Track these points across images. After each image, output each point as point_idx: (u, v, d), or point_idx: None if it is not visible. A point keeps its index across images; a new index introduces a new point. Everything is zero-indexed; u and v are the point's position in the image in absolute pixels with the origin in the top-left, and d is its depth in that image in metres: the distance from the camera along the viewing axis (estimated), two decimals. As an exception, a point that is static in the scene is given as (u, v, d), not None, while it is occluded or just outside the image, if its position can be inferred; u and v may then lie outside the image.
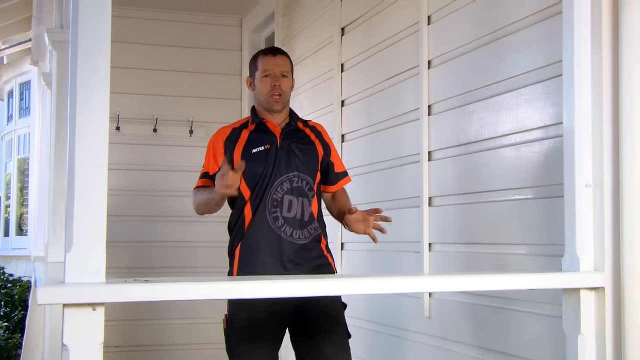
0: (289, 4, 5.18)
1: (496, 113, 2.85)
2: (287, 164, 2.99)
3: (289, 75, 3.07)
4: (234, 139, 3.03)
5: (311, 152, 3.06)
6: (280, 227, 2.96)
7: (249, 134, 3.04)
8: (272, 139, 3.02)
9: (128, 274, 4.73)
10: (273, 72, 3.02)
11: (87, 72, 1.77)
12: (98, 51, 1.78)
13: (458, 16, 3.13)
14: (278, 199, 2.96)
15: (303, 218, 2.98)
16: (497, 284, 2.28)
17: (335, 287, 2.09)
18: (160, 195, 5.85)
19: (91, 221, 1.72)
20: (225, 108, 6.03)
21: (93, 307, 1.69)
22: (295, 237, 2.96)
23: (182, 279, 1.89)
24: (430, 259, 3.27)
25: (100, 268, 1.72)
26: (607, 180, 2.15)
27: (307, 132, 3.12)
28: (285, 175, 2.98)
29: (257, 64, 3.08)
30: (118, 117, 5.71)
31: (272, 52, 3.12)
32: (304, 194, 3.00)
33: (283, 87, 3.03)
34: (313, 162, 3.05)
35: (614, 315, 2.13)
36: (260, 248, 2.95)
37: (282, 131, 3.04)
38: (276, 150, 3.00)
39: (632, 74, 2.12)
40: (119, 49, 5.50)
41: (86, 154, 1.74)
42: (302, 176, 3.00)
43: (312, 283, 2.06)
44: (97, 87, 1.77)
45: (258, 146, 3.00)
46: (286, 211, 2.96)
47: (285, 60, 3.09)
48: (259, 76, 3.05)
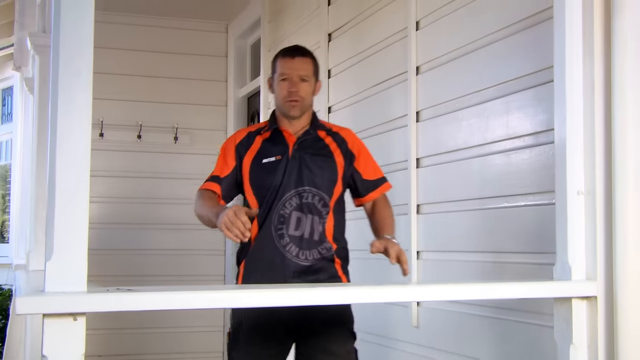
0: (275, 10, 5.15)
1: (486, 119, 2.82)
2: (298, 178, 2.74)
3: (309, 79, 2.79)
4: (246, 145, 2.83)
5: (328, 164, 2.79)
6: (284, 246, 2.73)
7: (262, 142, 2.82)
8: (284, 150, 2.78)
9: (113, 283, 4.65)
10: (290, 76, 2.76)
11: (68, 76, 1.74)
12: (80, 54, 1.75)
13: (447, 22, 3.10)
14: (285, 215, 2.73)
15: (312, 237, 2.73)
16: (487, 293, 2.25)
17: (321, 297, 2.03)
18: (144, 202, 5.81)
19: (72, 228, 1.69)
20: (210, 115, 6.02)
21: (74, 317, 1.66)
22: (300, 258, 2.72)
23: (165, 288, 1.86)
24: (418, 268, 3.24)
25: (81, 277, 1.68)
26: (600, 187, 2.13)
27: (327, 142, 2.84)
28: (295, 190, 2.74)
29: (275, 66, 2.84)
30: (102, 124, 5.67)
31: (291, 53, 2.83)
32: (315, 211, 2.74)
33: (301, 92, 2.76)
34: (329, 175, 2.78)
35: (607, 325, 2.11)
36: (264, 267, 2.74)
37: (296, 141, 2.79)
38: (287, 162, 2.76)
39: (624, 79, 2.10)
40: (102, 55, 5.54)
41: (68, 159, 1.71)
42: (315, 192, 2.75)
43: (297, 293, 2.02)
44: (79, 91, 1.74)
45: (269, 156, 2.78)
46: (293, 229, 2.73)
47: (306, 63, 2.81)
48: (277, 79, 2.80)
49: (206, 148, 5.93)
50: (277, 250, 2.72)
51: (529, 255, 2.58)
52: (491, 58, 2.81)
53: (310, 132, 2.82)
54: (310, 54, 2.84)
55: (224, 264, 5.96)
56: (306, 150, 2.79)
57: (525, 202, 2.60)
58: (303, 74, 2.77)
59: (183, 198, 5.82)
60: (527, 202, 2.60)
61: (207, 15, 5.93)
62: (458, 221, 2.98)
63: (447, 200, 3.05)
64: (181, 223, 5.80)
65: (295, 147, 2.78)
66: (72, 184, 1.70)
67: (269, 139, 2.82)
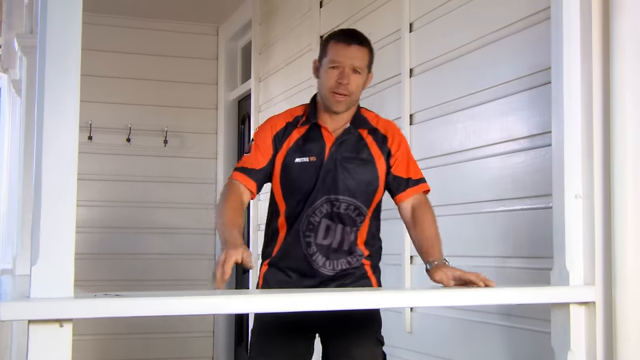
0: (266, 12, 5.12)
1: (481, 122, 2.79)
2: (332, 185, 2.47)
3: (363, 71, 2.46)
4: (282, 137, 2.52)
5: (368, 170, 2.50)
6: (312, 255, 2.50)
7: (298, 138, 2.52)
8: (320, 150, 2.49)
9: (101, 288, 4.61)
10: (342, 64, 2.42)
11: (55, 75, 1.71)
12: (68, 53, 1.72)
13: (441, 23, 3.07)
14: (315, 222, 2.48)
15: (342, 247, 2.50)
16: (483, 298, 2.22)
17: (311, 303, 1.99)
18: (134, 206, 5.78)
19: (59, 232, 1.66)
20: (200, 118, 6.00)
21: (60, 323, 1.63)
22: (327, 268, 2.51)
23: (154, 294, 1.84)
24: (411, 272, 3.20)
25: (68, 282, 1.66)
26: (598, 190, 2.11)
27: (368, 143, 2.53)
28: (326, 197, 2.47)
29: (326, 49, 2.48)
30: (90, 126, 5.62)
31: (347, 39, 2.46)
32: (348, 221, 2.49)
33: (352, 85, 2.43)
34: (368, 183, 2.50)
35: (605, 331, 2.08)
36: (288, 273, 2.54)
37: (335, 141, 2.50)
38: (321, 166, 2.47)
39: (623, 81, 2.08)
40: (91, 57, 5.53)
41: (54, 161, 1.68)
42: (350, 201, 2.48)
43: (282, 298, 1.98)
44: (66, 91, 1.72)
45: (303, 156, 2.49)
46: (321, 238, 2.49)
47: (363, 52, 2.46)
48: (326, 65, 2.45)
49: (196, 151, 5.94)
50: (305, 259, 2.50)
51: (526, 260, 2.55)
52: (486, 60, 2.78)
53: (351, 131, 2.51)
54: (368, 43, 2.51)
55: (214, 269, 5.86)
56: (344, 153, 2.49)
57: (522, 206, 2.57)
58: (357, 64, 2.44)
59: (173, 202, 5.82)
60: (523, 205, 2.56)
61: (198, 17, 5.90)
62: (453, 225, 2.94)
63: (442, 204, 3.00)
64: (171, 227, 5.81)
65: (333, 148, 2.49)
66: (58, 186, 1.67)
67: (305, 134, 2.52)
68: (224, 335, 5.86)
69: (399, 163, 2.51)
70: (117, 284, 5.43)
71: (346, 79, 2.42)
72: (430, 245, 2.38)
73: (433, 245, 2.38)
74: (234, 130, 6.02)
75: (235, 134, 6.02)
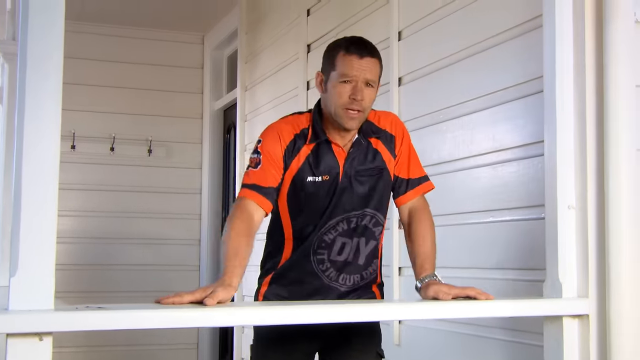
0: (253, 21, 5.09)
1: (471, 131, 2.76)
2: (349, 202, 2.32)
3: (375, 84, 2.26)
4: (292, 153, 2.31)
5: (382, 178, 2.36)
6: (324, 271, 2.36)
7: (308, 154, 2.32)
8: (332, 168, 2.31)
9: (83, 300, 4.54)
10: (356, 79, 2.22)
11: (36, 80, 1.67)
12: (49, 58, 1.68)
13: (431, 31, 3.05)
14: (329, 240, 2.34)
15: (357, 261, 2.37)
16: (472, 311, 2.17)
17: (297, 316, 1.93)
18: (117, 216, 5.73)
19: (39, 242, 1.62)
20: (185, 127, 5.97)
21: (40, 336, 1.58)
22: (340, 282, 2.37)
23: (138, 306, 1.80)
24: (400, 284, 3.16)
25: (48, 294, 1.61)
26: (591, 201, 2.08)
27: (379, 150, 2.37)
28: (343, 216, 2.33)
29: (335, 61, 2.26)
30: (74, 135, 5.58)
31: (359, 50, 2.24)
32: (365, 233, 2.36)
33: (366, 101, 2.24)
34: (383, 191, 2.37)
35: (599, 345, 2.05)
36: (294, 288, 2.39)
37: (347, 157, 2.32)
38: (336, 185, 2.31)
39: (617, 90, 2.05)
40: (75, 65, 5.50)
41: (35, 169, 1.63)
42: (368, 212, 2.35)
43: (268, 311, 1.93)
44: (47, 97, 1.67)
45: (315, 175, 2.31)
46: (336, 254, 2.35)
47: (375, 64, 2.25)
48: (335, 79, 2.24)
49: (181, 161, 5.91)
50: (315, 274, 2.35)
51: (517, 272, 2.51)
52: (477, 68, 2.75)
53: (361, 142, 2.34)
54: (378, 53, 2.30)
55: (199, 280, 5.88)
56: (358, 167, 2.33)
57: (512, 217, 2.54)
58: (370, 78, 2.24)
59: (157, 212, 5.78)
60: (514, 216, 2.53)
61: (183, 26, 5.88)
62: (442, 236, 2.87)
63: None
64: (155, 238, 5.77)
65: (347, 165, 2.32)
66: (39, 194, 1.62)
67: (314, 151, 2.32)
68: (208, 347, 5.81)
69: (401, 162, 2.39)
70: (100, 296, 5.35)
71: (360, 94, 2.22)
72: (423, 259, 2.27)
73: (426, 260, 2.27)
74: (219, 140, 5.98)
75: (221, 144, 5.98)
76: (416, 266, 2.27)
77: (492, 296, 2.10)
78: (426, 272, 2.23)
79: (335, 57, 2.26)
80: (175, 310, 1.76)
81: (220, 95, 5.96)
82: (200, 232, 5.91)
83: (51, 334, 1.58)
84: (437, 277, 2.20)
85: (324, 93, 2.31)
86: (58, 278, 1.63)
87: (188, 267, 5.87)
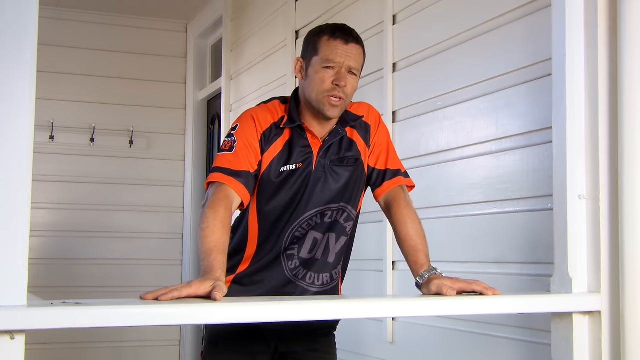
0: (238, 8, 5.01)
1: (471, 119, 2.65)
2: (321, 194, 2.24)
3: (358, 73, 2.21)
4: (268, 140, 2.22)
5: (357, 171, 2.28)
6: (292, 270, 2.28)
7: (284, 144, 2.25)
8: (306, 156, 2.23)
9: (59, 295, 4.41)
10: (339, 64, 2.15)
11: (7, 54, 1.50)
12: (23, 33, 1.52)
13: (427, 14, 2.96)
14: (300, 236, 2.26)
15: (326, 259, 2.29)
16: (474, 308, 2.02)
17: (283, 313, 1.79)
18: (97, 209, 5.63)
19: (11, 235, 1.51)
20: (168, 118, 5.88)
21: (11, 335, 1.48)
22: (308, 282, 2.29)
23: (118, 302, 1.67)
24: (394, 279, 3.07)
25: (20, 289, 1.51)
26: (604, 191, 1.97)
27: (355, 139, 2.29)
28: (316, 210, 2.24)
29: (318, 46, 2.18)
30: (52, 126, 5.47)
31: (345, 36, 2.18)
32: (336, 228, 2.28)
33: (348, 88, 2.16)
34: (358, 183, 2.29)
35: (612, 343, 1.94)
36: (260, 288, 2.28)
37: (322, 146, 2.24)
38: (309, 176, 2.23)
39: (632, 72, 1.94)
40: (55, 53, 5.42)
41: (7, 157, 1.51)
42: (340, 206, 2.27)
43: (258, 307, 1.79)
44: (20, 74, 1.53)
45: (288, 163, 2.22)
46: (306, 251, 2.27)
47: (360, 52, 2.20)
48: (317, 64, 2.17)
49: (163, 153, 5.85)
50: (284, 273, 2.27)
51: (522, 266, 2.41)
52: (478, 52, 2.66)
53: (339, 132, 2.26)
54: (362, 41, 2.25)
55: (181, 275, 5.80)
56: (332, 157, 2.26)
57: (517, 208, 2.44)
58: (354, 65, 2.17)
59: (138, 205, 5.73)
60: (519, 207, 2.43)
61: (166, 13, 5.77)
62: (440, 229, 2.80)
63: (428, 206, 2.87)
64: (136, 231, 5.70)
65: (320, 154, 2.24)
66: (11, 184, 1.51)
67: (289, 140, 2.24)
68: (191, 343, 5.73)
69: (377, 153, 2.30)
70: (77, 291, 5.29)
71: (344, 80, 2.15)
72: (414, 253, 2.15)
73: (417, 253, 2.14)
74: (202, 131, 5.90)
75: (204, 135, 5.90)
76: (410, 262, 2.16)
77: (499, 291, 1.97)
78: (423, 266, 2.11)
79: (319, 41, 2.19)
80: (158, 307, 1.63)
81: (204, 85, 5.88)
82: (183, 225, 5.83)
83: (24, 332, 1.47)
84: (437, 271, 2.08)
85: (304, 80, 2.23)
86: (33, 272, 1.52)
87: (170, 262, 5.78)
